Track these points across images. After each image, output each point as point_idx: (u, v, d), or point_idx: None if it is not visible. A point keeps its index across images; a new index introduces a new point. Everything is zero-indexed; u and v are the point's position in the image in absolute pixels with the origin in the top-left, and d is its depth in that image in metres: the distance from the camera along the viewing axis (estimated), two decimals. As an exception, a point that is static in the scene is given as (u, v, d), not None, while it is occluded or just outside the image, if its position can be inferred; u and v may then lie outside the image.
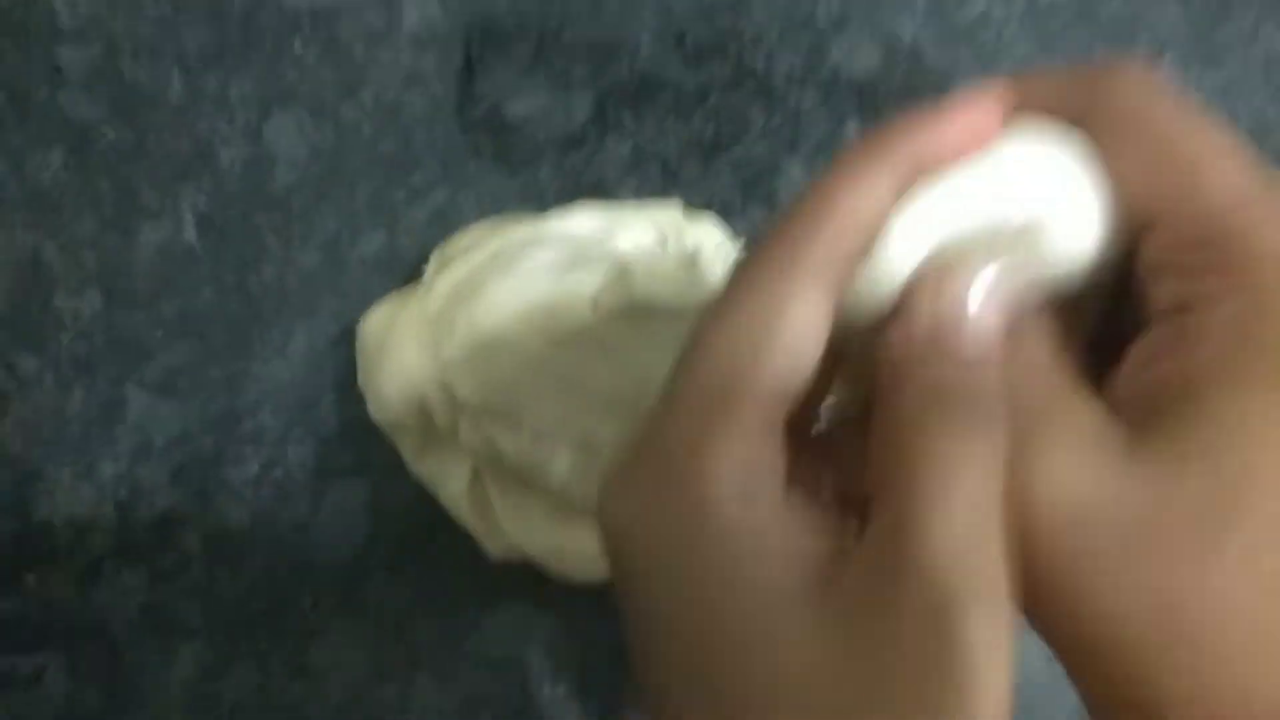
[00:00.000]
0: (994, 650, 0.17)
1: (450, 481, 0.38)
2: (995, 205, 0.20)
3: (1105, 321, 0.21)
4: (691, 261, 0.35)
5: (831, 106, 0.46)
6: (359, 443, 0.41)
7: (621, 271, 0.35)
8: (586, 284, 0.36)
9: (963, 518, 0.17)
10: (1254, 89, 0.47)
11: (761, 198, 0.45)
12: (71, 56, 0.43)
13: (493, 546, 0.39)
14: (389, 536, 0.41)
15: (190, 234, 0.42)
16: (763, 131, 0.45)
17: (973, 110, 0.20)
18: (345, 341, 0.42)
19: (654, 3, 0.45)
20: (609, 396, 0.35)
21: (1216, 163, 0.19)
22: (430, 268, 0.39)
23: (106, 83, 0.43)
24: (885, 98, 0.46)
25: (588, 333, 0.35)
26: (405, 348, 0.37)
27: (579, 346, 0.35)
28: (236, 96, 0.43)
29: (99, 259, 0.42)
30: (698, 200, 0.44)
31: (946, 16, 0.46)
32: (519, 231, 0.38)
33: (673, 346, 0.35)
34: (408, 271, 0.43)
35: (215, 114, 0.43)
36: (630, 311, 0.35)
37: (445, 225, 0.43)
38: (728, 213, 0.43)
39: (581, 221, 0.39)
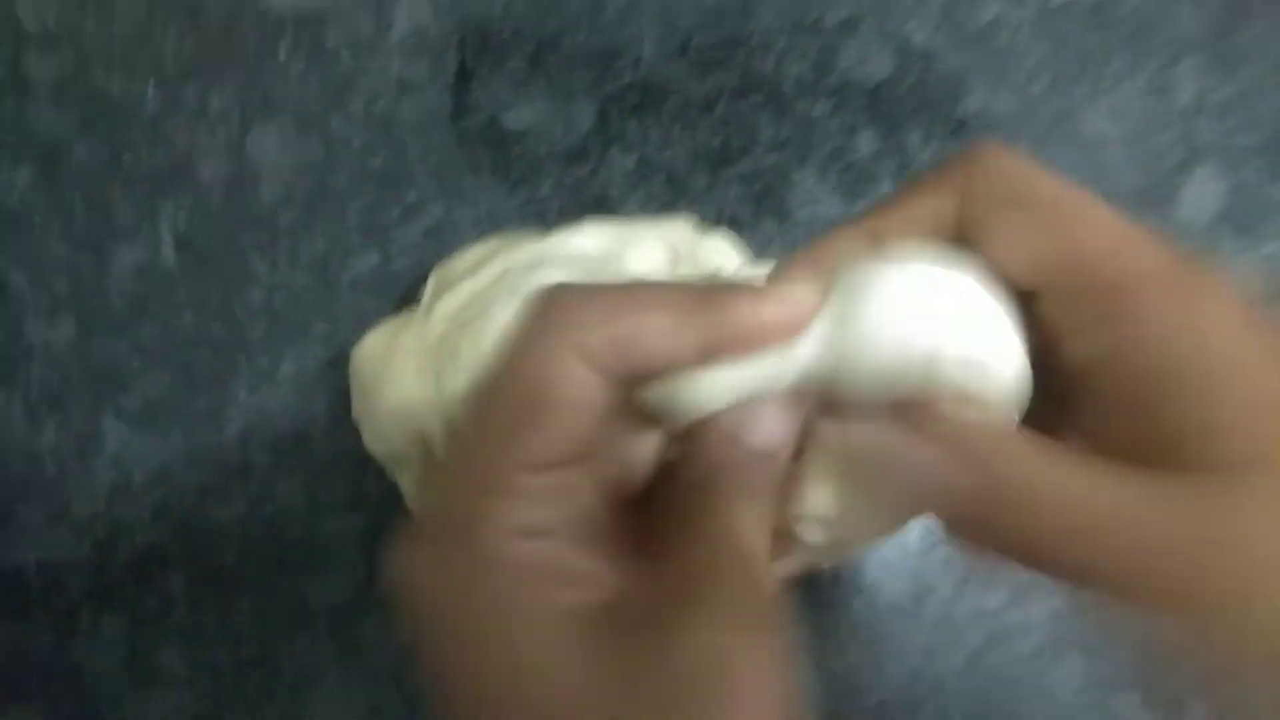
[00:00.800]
0: (758, 664, 0.19)
1: (454, 518, 0.36)
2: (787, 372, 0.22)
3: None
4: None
5: (843, 115, 0.44)
6: (353, 476, 0.39)
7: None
8: (599, 308, 0.33)
9: (733, 549, 0.21)
10: (1272, 91, 0.46)
11: (773, 211, 0.43)
12: (39, 66, 0.40)
13: (499, 586, 0.36)
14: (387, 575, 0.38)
15: (169, 255, 0.40)
16: (773, 142, 0.43)
17: (786, 301, 0.21)
18: (337, 367, 0.39)
19: (657, 7, 0.43)
20: (626, 428, 0.33)
21: (1089, 217, 0.21)
22: (428, 290, 0.37)
23: (77, 94, 0.40)
24: (898, 105, 0.44)
25: (602, 360, 0.33)
26: (404, 377, 0.35)
27: (593, 375, 0.33)
28: (217, 108, 0.41)
29: (71, 283, 0.39)
30: (707, 213, 0.42)
31: (958, 20, 0.45)
32: (524, 251, 0.36)
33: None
34: (402, 293, 0.40)
35: (194, 127, 0.41)
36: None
37: (441, 244, 0.41)
38: (738, 227, 0.41)
39: (589, 240, 0.37)
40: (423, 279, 0.38)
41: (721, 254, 0.38)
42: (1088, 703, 0.38)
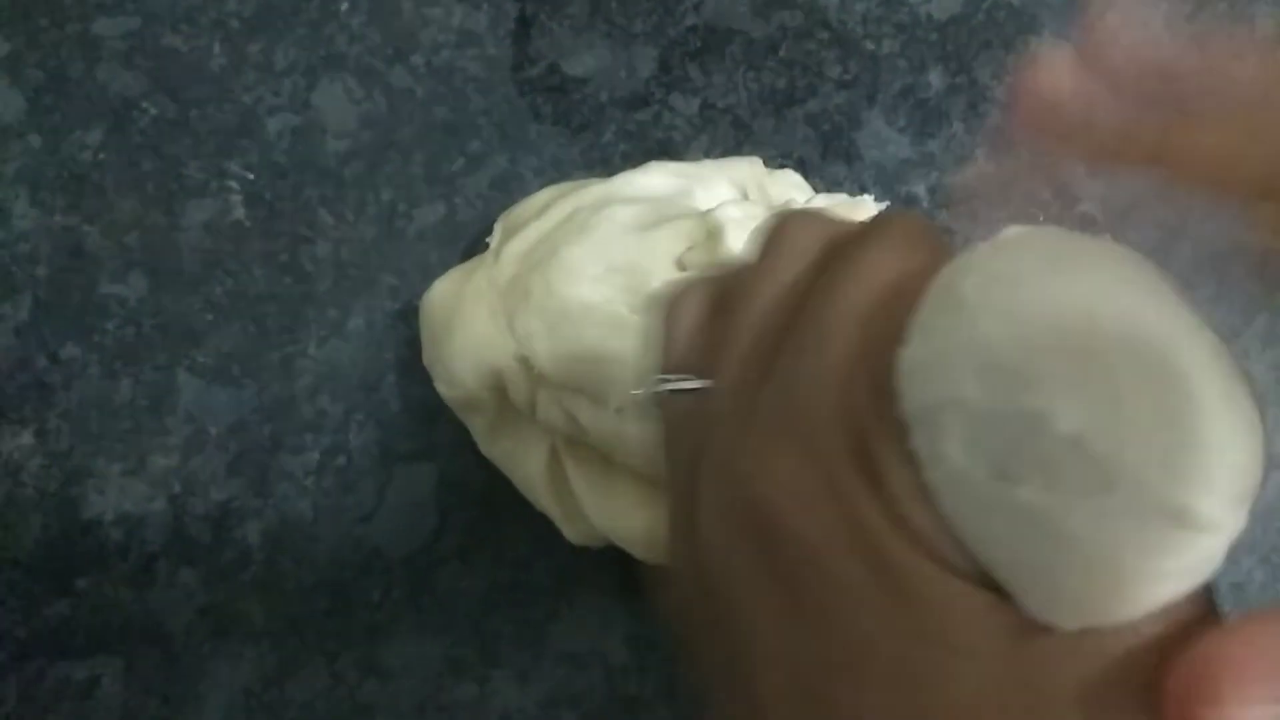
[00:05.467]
0: None
1: (526, 462, 0.35)
2: None
3: None
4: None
5: (911, 53, 0.43)
6: (425, 425, 0.39)
7: (711, 228, 0.32)
8: (670, 243, 0.33)
9: None
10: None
11: (841, 152, 0.42)
12: (108, 28, 0.41)
13: (572, 531, 0.36)
14: (460, 523, 0.38)
15: (238, 210, 0.40)
16: (839, 82, 0.42)
17: None
18: (406, 319, 0.39)
19: (717, -50, 0.43)
20: (700, 363, 0.32)
21: None
22: (496, 235, 0.37)
23: (145, 55, 0.41)
24: (968, 41, 0.43)
25: (675, 294, 0.32)
26: (476, 319, 0.34)
27: (666, 310, 0.32)
28: (282, 64, 0.41)
29: (143, 240, 0.40)
30: (774, 157, 0.41)
31: (1029, -46, 0.43)
32: (591, 192, 0.36)
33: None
34: (469, 243, 0.40)
35: (260, 83, 0.41)
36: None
37: (506, 193, 0.40)
38: (806, 169, 0.41)
39: (657, 180, 0.36)
40: (488, 229, 0.38)
41: (792, 189, 0.37)
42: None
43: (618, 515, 0.35)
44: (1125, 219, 0.39)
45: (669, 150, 0.41)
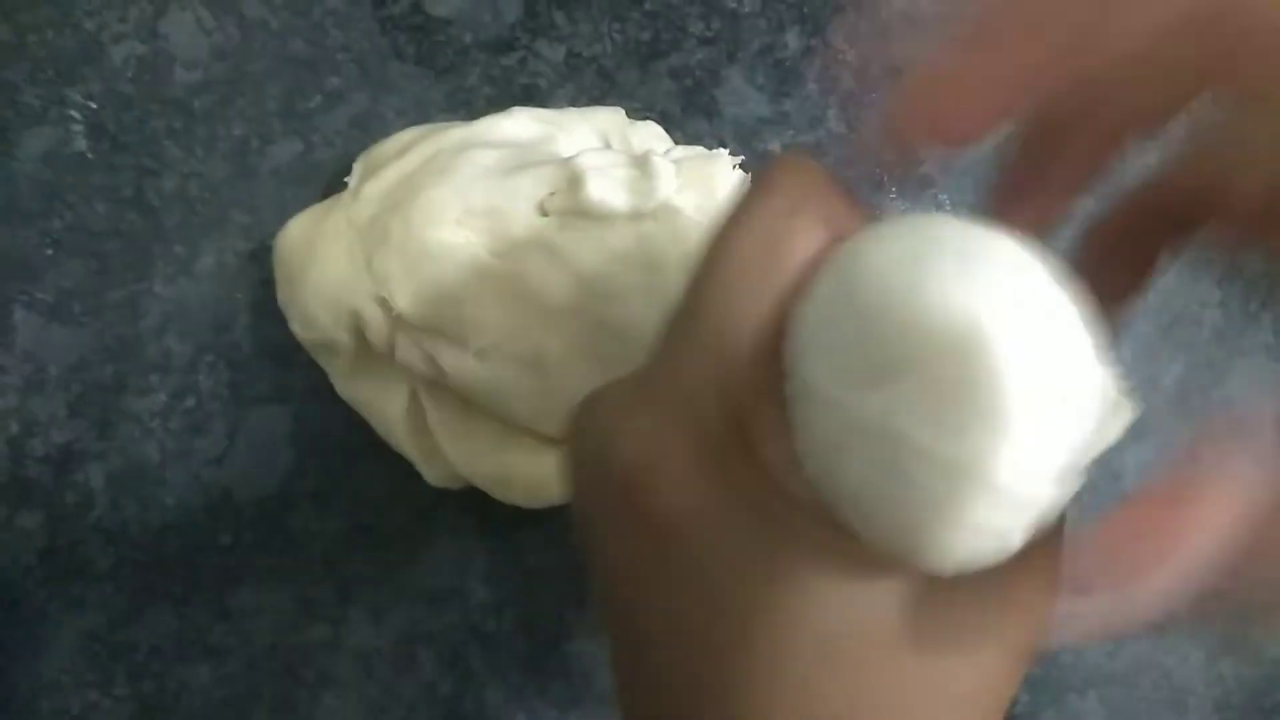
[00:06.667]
0: None
1: (385, 404, 0.36)
2: None
3: None
4: (644, 164, 0.33)
5: (770, 13, 0.44)
6: (279, 367, 0.38)
7: (573, 174, 0.33)
8: (533, 188, 0.33)
9: None
10: None
11: (702, 108, 0.43)
12: (-69, -61, 0.38)
13: (432, 473, 0.36)
14: (315, 466, 0.38)
15: (80, 141, 0.38)
16: (702, 38, 0.43)
17: None
18: (259, 258, 0.38)
19: (584, -103, 0.42)
20: (560, 307, 0.33)
21: None
22: (355, 174, 0.36)
23: (-26, -30, 0.38)
24: (823, 4, 0.44)
25: (536, 240, 0.33)
26: (332, 259, 0.34)
27: (527, 254, 0.33)
28: (127, -12, 0.39)
29: (-26, 168, 0.38)
30: (637, 109, 0.41)
31: (885, -79, 0.45)
32: (454, 134, 0.35)
33: (627, 252, 0.33)
34: (326, 183, 0.39)
35: (104, 8, 0.39)
36: (581, 217, 0.33)
37: (366, 132, 0.40)
38: (668, 123, 0.41)
39: (520, 126, 0.36)
40: (346, 169, 0.37)
41: (653, 139, 0.38)
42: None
43: (477, 457, 0.36)
44: (962, 180, 0.42)
45: (534, 97, 0.41)
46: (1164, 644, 0.42)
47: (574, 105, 0.41)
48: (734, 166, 0.35)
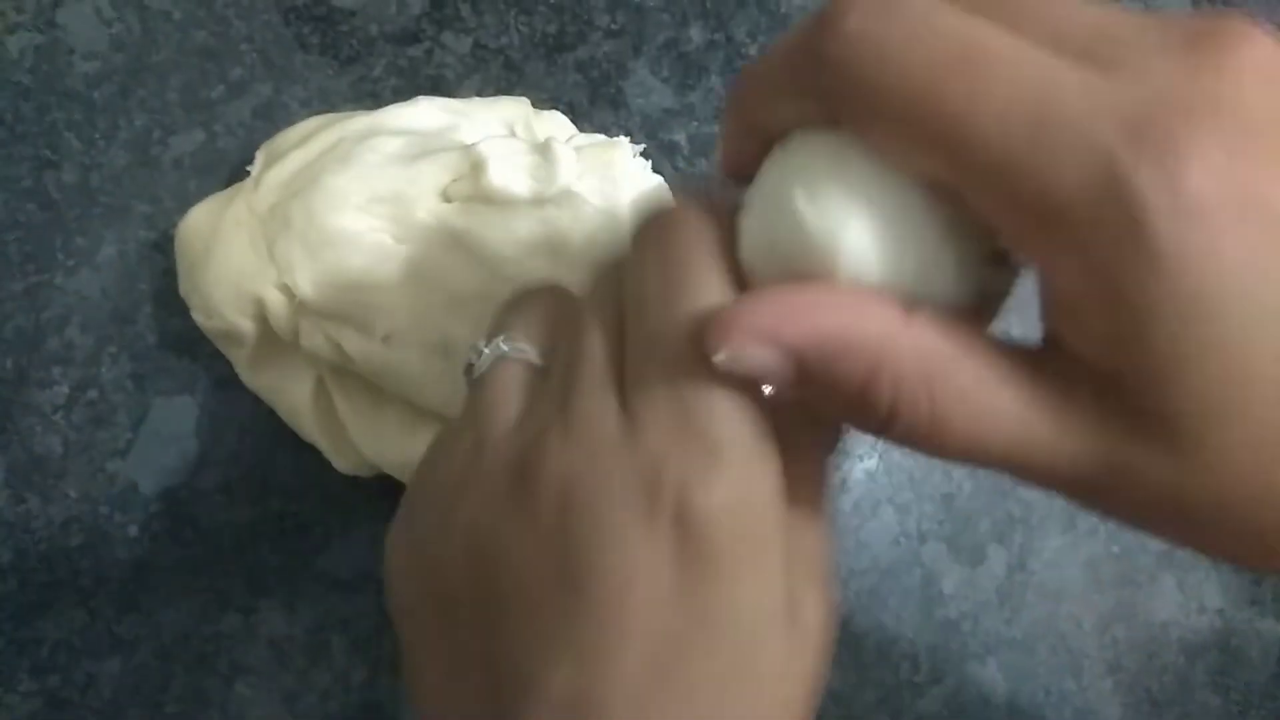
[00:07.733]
0: None
1: (291, 392, 0.36)
2: None
3: None
4: (545, 150, 0.34)
5: (674, 8, 0.45)
6: (183, 357, 0.38)
7: (475, 161, 0.33)
8: (435, 175, 0.34)
9: None
10: None
11: (609, 99, 0.43)
12: None
13: (342, 461, 0.36)
14: (222, 457, 0.38)
15: (-26, 131, 0.38)
16: (608, 31, 0.44)
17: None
18: (162, 248, 0.38)
19: (489, -109, 0.43)
20: (463, 293, 0.33)
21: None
22: (258, 163, 0.36)
23: None
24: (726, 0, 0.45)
25: (439, 226, 0.33)
26: (234, 247, 0.34)
27: (430, 241, 0.33)
28: (21, -23, 0.39)
29: None
30: (545, 100, 0.42)
31: (785, -83, 0.46)
32: (357, 122, 0.36)
33: (530, 237, 0.34)
34: (231, 173, 0.39)
35: (-3, -3, 0.38)
36: (484, 203, 0.33)
37: (270, 122, 0.40)
38: (575, 114, 0.42)
39: (424, 114, 0.37)
40: (250, 159, 0.37)
41: (557, 128, 0.39)
42: (901, 553, 0.41)
43: (386, 443, 0.36)
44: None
45: (441, 88, 0.42)
46: (1060, 611, 0.44)
47: (481, 96, 0.41)
48: (634, 155, 0.36)
